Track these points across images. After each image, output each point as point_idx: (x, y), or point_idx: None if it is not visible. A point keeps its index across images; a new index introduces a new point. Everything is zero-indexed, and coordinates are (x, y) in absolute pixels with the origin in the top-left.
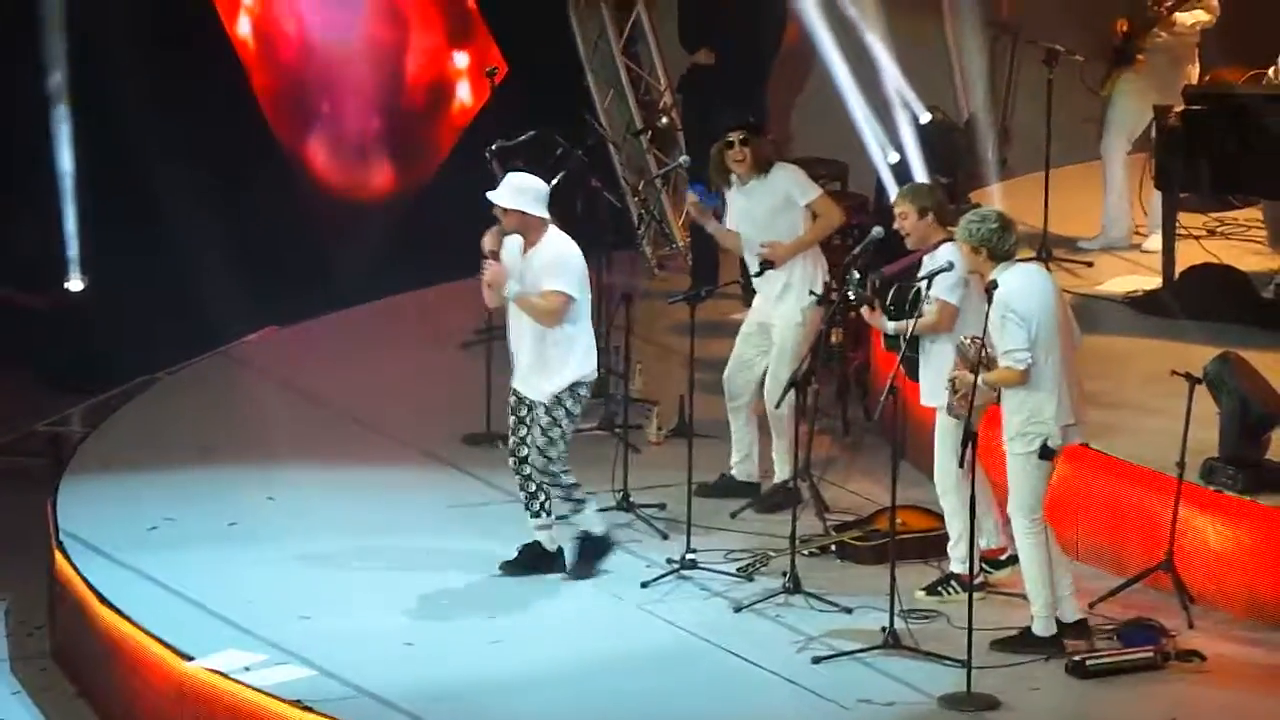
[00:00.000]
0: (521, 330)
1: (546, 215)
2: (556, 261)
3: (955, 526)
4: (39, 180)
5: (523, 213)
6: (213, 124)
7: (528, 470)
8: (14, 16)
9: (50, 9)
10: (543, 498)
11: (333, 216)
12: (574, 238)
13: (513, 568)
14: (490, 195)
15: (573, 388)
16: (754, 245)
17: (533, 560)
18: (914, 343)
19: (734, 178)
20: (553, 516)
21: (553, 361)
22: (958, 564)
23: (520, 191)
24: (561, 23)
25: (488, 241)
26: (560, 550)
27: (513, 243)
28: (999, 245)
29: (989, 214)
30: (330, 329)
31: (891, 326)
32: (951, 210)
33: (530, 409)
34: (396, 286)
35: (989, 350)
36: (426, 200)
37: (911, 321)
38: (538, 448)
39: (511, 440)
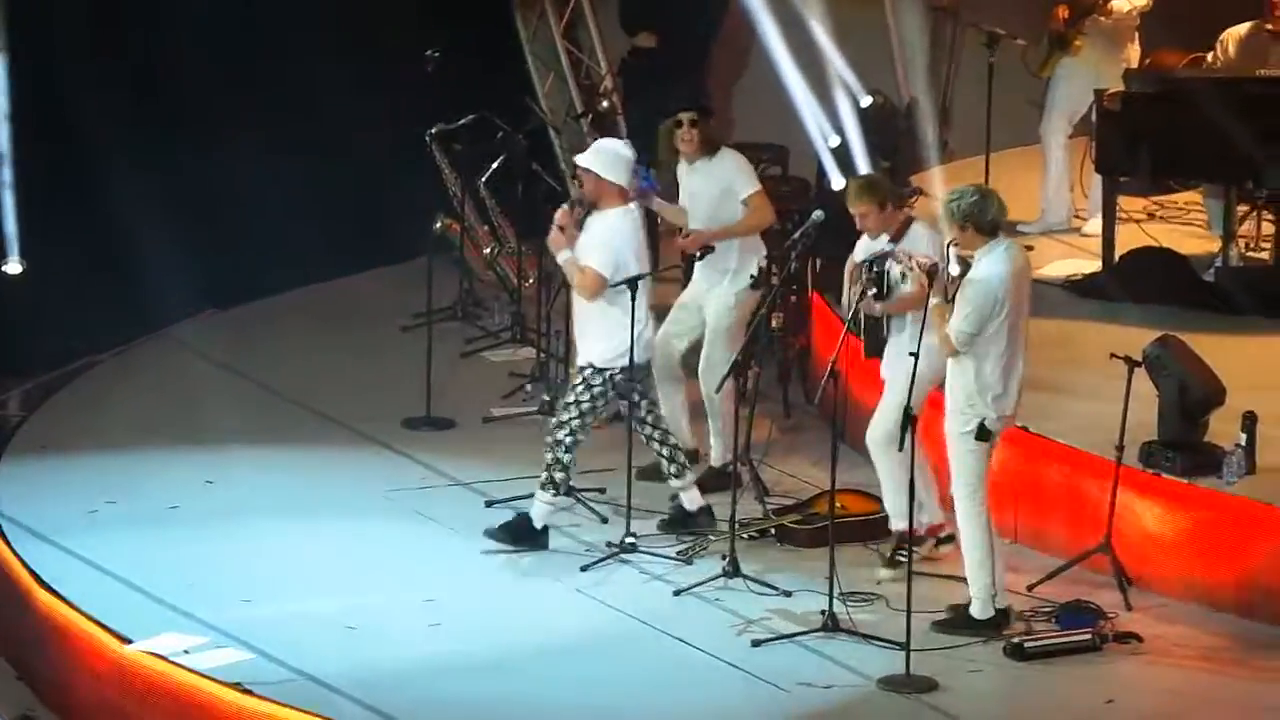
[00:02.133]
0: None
1: (622, 183)
2: (600, 238)
3: (889, 484)
4: None
5: (595, 175)
6: (152, 104)
7: (657, 434)
8: None
9: None
10: (680, 458)
11: (273, 199)
12: (513, 221)
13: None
14: (576, 158)
15: (590, 369)
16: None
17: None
18: (883, 320)
19: (682, 156)
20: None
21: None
22: (898, 519)
23: (598, 153)
24: (502, 5)
25: (559, 215)
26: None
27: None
28: (981, 216)
29: (965, 189)
30: (270, 312)
31: (879, 308)
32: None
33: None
34: (336, 270)
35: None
36: (367, 183)
37: (891, 297)
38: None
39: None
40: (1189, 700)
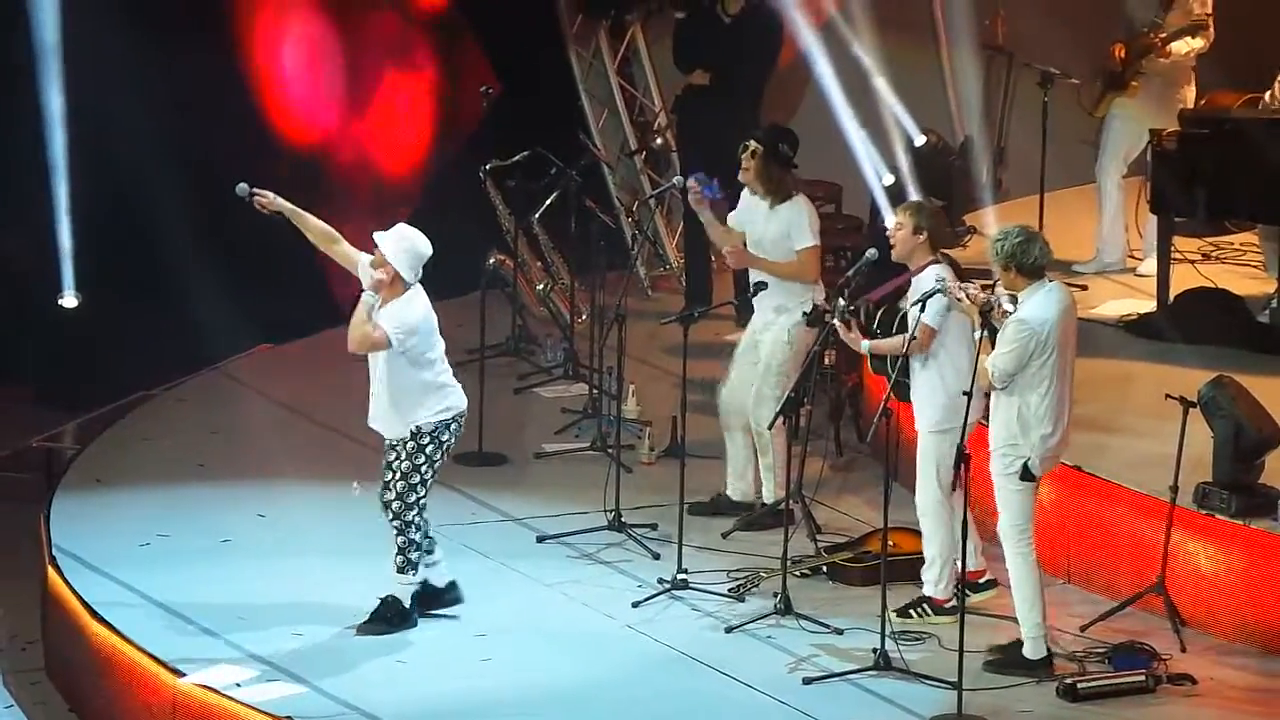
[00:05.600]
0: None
1: (407, 277)
2: (416, 316)
3: (931, 549)
4: (34, 195)
5: (388, 263)
6: (210, 139)
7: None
8: (6, 25)
9: (45, 20)
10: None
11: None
12: (566, 258)
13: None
14: (376, 235)
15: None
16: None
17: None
18: (904, 367)
19: (753, 189)
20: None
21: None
22: (930, 586)
23: (397, 239)
24: (557, 43)
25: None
26: (452, 584)
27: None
28: (1024, 258)
29: (1011, 229)
30: (323, 347)
31: (865, 345)
32: (950, 233)
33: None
34: None
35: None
36: (420, 219)
37: (900, 339)
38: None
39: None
40: None
